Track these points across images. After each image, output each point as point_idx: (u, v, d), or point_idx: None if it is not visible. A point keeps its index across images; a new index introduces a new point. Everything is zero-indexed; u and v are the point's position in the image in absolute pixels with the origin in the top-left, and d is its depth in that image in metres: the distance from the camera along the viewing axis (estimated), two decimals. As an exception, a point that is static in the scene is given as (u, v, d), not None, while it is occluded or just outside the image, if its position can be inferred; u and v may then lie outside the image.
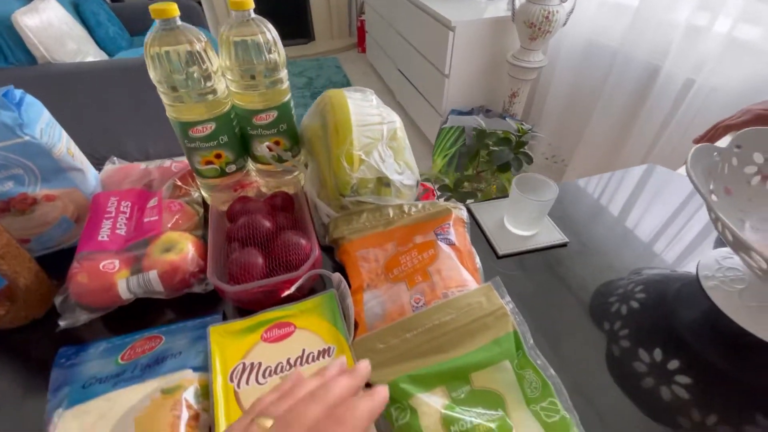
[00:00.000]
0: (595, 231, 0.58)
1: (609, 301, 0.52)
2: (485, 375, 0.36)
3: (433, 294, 0.41)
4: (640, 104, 1.44)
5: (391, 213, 0.49)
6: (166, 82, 0.44)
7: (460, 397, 0.35)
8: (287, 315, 0.42)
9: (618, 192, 0.67)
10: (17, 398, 0.40)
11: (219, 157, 0.52)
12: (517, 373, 0.36)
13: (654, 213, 0.63)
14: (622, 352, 0.46)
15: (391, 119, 0.53)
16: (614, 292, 0.53)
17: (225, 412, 0.34)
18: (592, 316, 0.49)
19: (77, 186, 0.49)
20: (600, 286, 0.52)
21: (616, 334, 0.48)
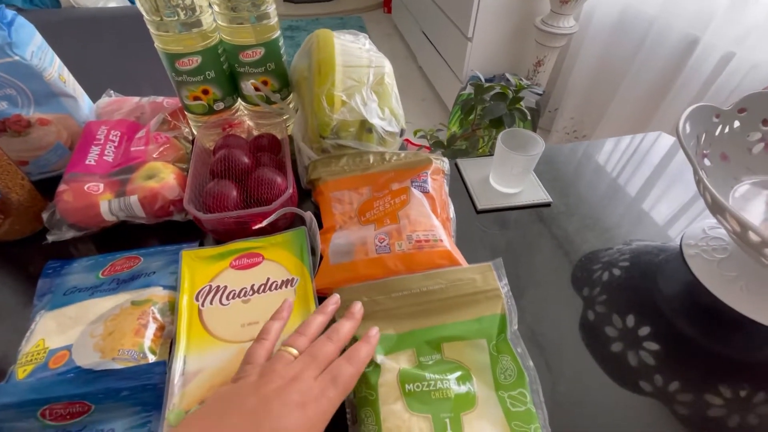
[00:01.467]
0: (585, 195, 0.57)
1: (592, 268, 0.51)
2: (457, 347, 0.35)
3: (398, 236, 0.41)
4: (671, 78, 1.35)
5: (372, 159, 0.49)
6: (151, 10, 0.44)
7: (428, 363, 0.34)
8: (257, 246, 0.43)
9: (619, 159, 0.64)
10: (8, 303, 0.43)
11: (206, 93, 0.52)
12: (492, 355, 0.35)
13: (655, 183, 0.60)
14: (596, 317, 0.45)
15: (380, 64, 0.52)
16: (600, 259, 0.52)
17: (187, 325, 0.37)
18: (572, 281, 0.48)
19: (70, 113, 0.50)
20: (586, 254, 0.51)
21: (594, 299, 0.47)
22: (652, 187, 0.59)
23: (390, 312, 0.38)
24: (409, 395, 0.32)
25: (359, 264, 0.40)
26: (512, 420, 0.31)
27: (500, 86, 0.62)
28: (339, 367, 0.29)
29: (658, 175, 0.61)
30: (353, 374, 0.30)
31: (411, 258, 0.40)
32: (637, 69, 1.44)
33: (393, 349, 0.35)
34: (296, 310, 0.38)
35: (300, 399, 0.26)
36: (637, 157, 0.65)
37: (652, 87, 1.41)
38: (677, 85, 1.32)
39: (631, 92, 1.48)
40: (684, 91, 1.30)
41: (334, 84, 0.47)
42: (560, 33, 1.57)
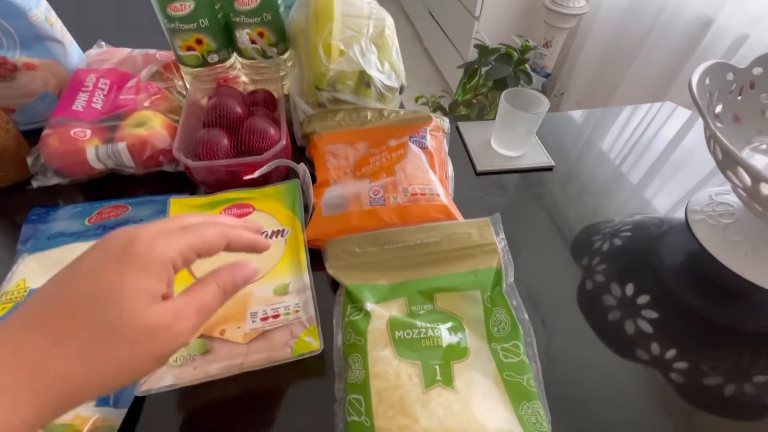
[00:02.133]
0: (588, 162, 0.55)
1: (593, 239, 0.50)
2: (450, 298, 0.34)
3: (393, 188, 0.40)
4: (682, 62, 1.31)
5: (369, 115, 0.47)
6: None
7: (419, 312, 0.34)
8: (248, 197, 0.42)
9: (625, 127, 0.62)
10: None
11: (200, 43, 0.50)
12: (486, 307, 0.34)
13: (661, 155, 0.58)
14: (594, 286, 0.44)
15: (381, 16, 0.49)
16: (601, 231, 0.50)
17: (172, 271, 0.35)
18: (572, 248, 0.47)
19: (58, 59, 0.49)
20: (588, 223, 0.49)
21: (593, 269, 0.46)
22: (658, 159, 0.58)
23: (383, 263, 0.37)
24: (398, 342, 0.31)
25: (352, 215, 0.39)
26: (504, 370, 0.30)
27: (505, 47, 0.60)
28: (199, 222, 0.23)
29: (665, 146, 0.59)
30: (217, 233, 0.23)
31: (406, 210, 0.39)
32: (647, 52, 1.40)
33: (384, 298, 0.34)
34: (286, 261, 0.37)
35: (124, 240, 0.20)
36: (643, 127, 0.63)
37: (661, 71, 1.38)
38: (687, 69, 1.29)
39: (640, 76, 1.44)
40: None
41: (331, 33, 0.45)
42: (570, 13, 1.53)
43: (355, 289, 0.34)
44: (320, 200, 0.41)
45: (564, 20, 1.57)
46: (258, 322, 0.32)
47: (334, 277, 0.37)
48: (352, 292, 0.34)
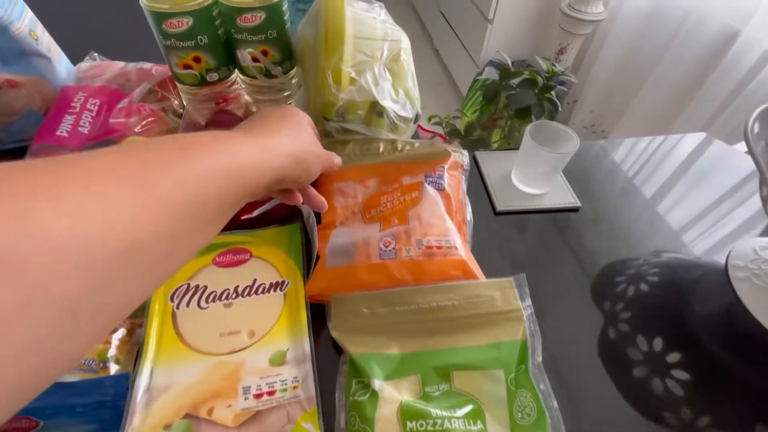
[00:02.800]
0: (617, 201, 0.51)
1: (616, 279, 0.46)
2: (470, 378, 0.30)
3: (406, 239, 0.36)
4: (704, 75, 1.26)
5: (381, 147, 0.43)
6: (133, -42, 0.38)
7: (434, 394, 0.30)
8: (245, 241, 0.38)
9: (658, 161, 0.58)
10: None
11: (198, 61, 0.46)
12: (510, 390, 0.30)
13: (696, 192, 0.54)
14: (618, 336, 0.41)
15: (397, 38, 0.45)
16: (624, 271, 0.46)
17: (158, 331, 0.32)
18: (592, 293, 0.43)
19: (44, 75, 0.45)
20: (609, 263, 0.46)
21: (617, 315, 0.42)
22: (692, 195, 0.53)
23: (393, 327, 0.33)
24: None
25: (359, 269, 0.35)
26: None
27: (529, 71, 0.55)
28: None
29: (700, 181, 0.55)
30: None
31: (419, 266, 0.35)
32: (668, 63, 1.35)
33: (395, 374, 0.30)
34: (285, 323, 0.33)
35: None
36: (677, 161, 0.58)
37: (681, 83, 1.32)
38: (709, 83, 1.24)
39: (659, 88, 1.39)
40: (716, 90, 1.22)
41: (342, 58, 0.41)
42: (587, 19, 1.47)
43: (362, 360, 0.31)
44: (325, 246, 0.37)
45: (581, 26, 1.51)
46: (251, 399, 0.28)
47: (337, 341, 0.33)
48: (358, 364, 0.31)
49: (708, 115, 1.27)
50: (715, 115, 1.25)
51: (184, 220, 0.18)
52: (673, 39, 1.32)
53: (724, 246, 0.49)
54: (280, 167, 0.25)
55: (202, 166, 0.19)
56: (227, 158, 0.21)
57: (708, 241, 0.50)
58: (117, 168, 0.16)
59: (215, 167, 0.20)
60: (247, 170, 0.22)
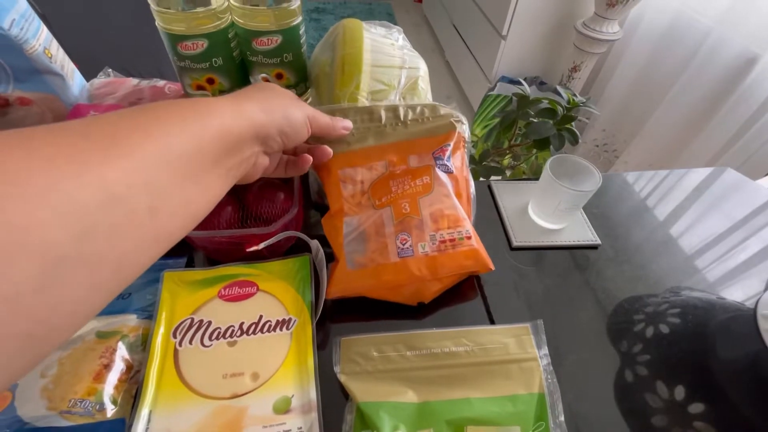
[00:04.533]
0: (635, 237, 0.49)
1: (633, 318, 0.44)
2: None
3: (420, 235, 0.36)
4: (722, 98, 1.24)
5: (384, 117, 0.40)
6: (150, -19, 0.37)
7: None
8: (252, 274, 0.37)
9: (674, 194, 0.56)
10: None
11: (212, 83, 0.45)
12: None
13: (712, 226, 0.52)
14: (635, 380, 0.39)
15: (415, 65, 0.44)
16: (642, 309, 0.45)
17: (158, 371, 0.30)
18: (608, 331, 0.41)
19: (56, 93, 0.44)
20: (626, 299, 0.44)
21: (634, 358, 0.40)
22: (716, 234, 0.51)
23: (405, 373, 0.31)
24: (420, 500, 0.25)
25: (381, 269, 0.35)
26: None
27: (549, 100, 0.54)
28: None
29: (724, 218, 0.53)
30: None
31: (435, 261, 0.35)
32: (683, 85, 1.33)
33: (409, 426, 0.29)
34: (291, 365, 0.31)
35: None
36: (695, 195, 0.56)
37: (697, 107, 1.30)
38: (726, 108, 1.21)
39: (673, 110, 1.37)
40: (733, 115, 1.20)
41: (358, 87, 0.39)
42: (602, 39, 1.46)
43: (370, 411, 0.29)
44: (342, 244, 0.36)
45: (595, 45, 1.50)
46: (252, 452, 0.27)
47: (344, 386, 0.32)
48: (366, 414, 0.29)
49: (723, 141, 1.24)
50: (732, 140, 1.23)
51: (158, 171, 0.19)
52: (691, 61, 1.30)
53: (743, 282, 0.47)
54: (254, 119, 0.26)
55: (173, 128, 0.20)
56: (200, 115, 0.22)
57: (730, 279, 0.48)
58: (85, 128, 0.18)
59: (187, 123, 0.21)
60: (220, 122, 0.23)
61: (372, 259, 0.36)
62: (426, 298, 0.36)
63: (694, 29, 1.30)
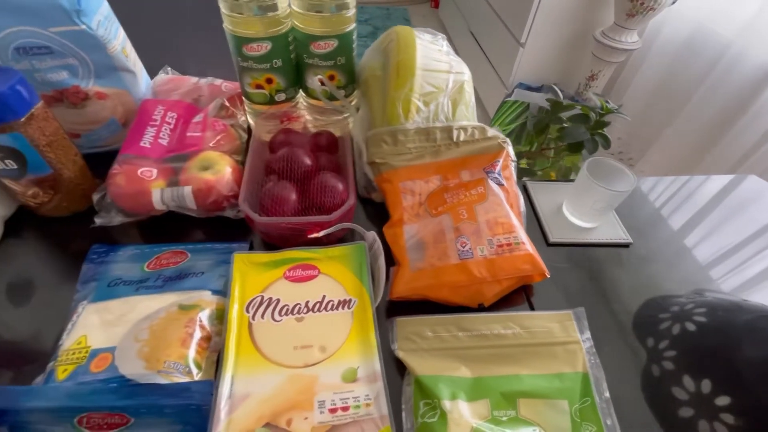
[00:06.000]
0: (659, 236, 0.51)
1: (659, 316, 0.46)
2: (535, 406, 0.31)
3: (479, 239, 0.39)
4: (741, 110, 1.25)
5: (438, 136, 0.44)
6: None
7: (502, 419, 0.31)
8: (313, 258, 0.40)
9: (696, 198, 0.58)
10: (50, 282, 0.41)
11: (270, 82, 0.49)
12: (574, 421, 0.31)
13: (735, 231, 0.54)
14: (662, 374, 0.41)
15: (460, 70, 0.47)
16: (668, 308, 0.47)
17: (236, 340, 0.34)
18: (635, 327, 0.44)
19: (128, 88, 0.48)
20: (651, 299, 0.46)
21: (660, 353, 0.43)
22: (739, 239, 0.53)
23: (459, 352, 0.34)
24: (482, 459, 0.28)
25: (443, 270, 0.38)
26: None
27: (581, 106, 0.57)
28: None
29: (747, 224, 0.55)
30: None
31: (494, 263, 0.38)
32: (702, 97, 1.34)
33: (463, 397, 0.31)
34: (354, 340, 0.34)
35: None
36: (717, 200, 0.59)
37: (714, 119, 1.31)
38: (744, 120, 1.22)
39: (691, 121, 1.38)
40: (751, 128, 1.21)
41: (412, 89, 0.43)
42: (621, 48, 1.48)
43: (429, 382, 0.32)
44: (404, 247, 0.39)
45: (613, 54, 1.52)
46: (326, 413, 0.30)
47: (402, 361, 0.35)
48: (424, 385, 0.32)
49: (742, 152, 1.25)
50: (748, 153, 1.24)
51: None
52: (709, 73, 1.31)
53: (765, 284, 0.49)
54: None
55: None
56: None
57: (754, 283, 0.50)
58: None
59: None
60: None
61: (433, 262, 0.38)
62: (486, 299, 0.39)
63: (714, 42, 1.31)
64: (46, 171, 0.40)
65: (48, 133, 0.39)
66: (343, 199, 0.41)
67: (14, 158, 0.38)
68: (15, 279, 0.41)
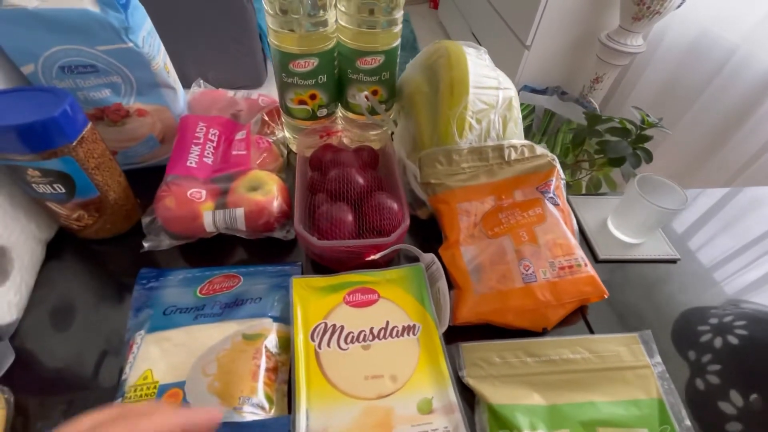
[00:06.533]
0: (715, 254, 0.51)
1: (698, 329, 0.46)
2: None
3: (540, 263, 0.39)
4: (746, 115, 1.26)
5: (490, 155, 0.44)
6: (278, 4, 0.40)
7: None
8: (371, 281, 0.39)
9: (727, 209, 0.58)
10: (96, 307, 0.40)
11: (313, 98, 0.48)
12: None
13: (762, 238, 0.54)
14: (707, 388, 0.41)
15: (507, 85, 0.47)
16: (706, 320, 0.47)
17: (306, 371, 0.33)
18: (674, 340, 0.44)
19: (168, 105, 0.46)
20: (687, 310, 0.46)
21: (704, 367, 0.43)
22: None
23: (528, 378, 0.34)
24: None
25: (508, 294, 0.38)
26: None
27: (619, 119, 0.57)
28: None
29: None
30: None
31: (557, 286, 0.38)
32: (706, 102, 1.35)
33: (546, 426, 0.31)
34: (424, 369, 0.34)
35: None
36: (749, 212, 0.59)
37: (718, 124, 1.31)
38: (748, 126, 1.23)
39: (695, 126, 1.39)
40: (755, 134, 1.22)
41: (467, 107, 0.42)
42: (626, 51, 1.49)
43: (505, 411, 0.31)
44: (465, 270, 0.39)
45: (618, 57, 1.53)
46: (408, 448, 0.29)
47: (472, 389, 0.34)
48: (500, 415, 0.31)
49: (745, 158, 1.26)
50: (753, 158, 1.25)
51: None
52: (714, 78, 1.32)
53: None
54: None
55: None
56: None
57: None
58: None
59: None
60: None
61: (495, 286, 0.38)
62: (551, 323, 0.38)
63: (720, 46, 1.32)
64: (94, 194, 0.39)
65: (97, 155, 0.38)
66: (399, 220, 0.40)
67: (63, 182, 0.36)
68: (59, 304, 0.40)
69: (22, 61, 0.37)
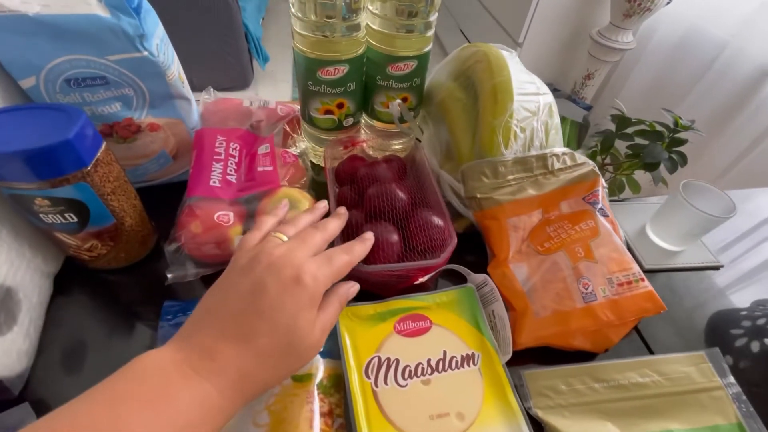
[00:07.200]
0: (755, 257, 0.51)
1: (732, 332, 0.45)
2: None
3: (599, 280, 0.36)
4: (733, 115, 1.28)
5: (534, 165, 0.41)
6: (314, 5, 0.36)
7: None
8: (421, 307, 0.36)
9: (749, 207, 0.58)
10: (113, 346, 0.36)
11: (341, 107, 0.45)
12: None
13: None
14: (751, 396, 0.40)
15: (545, 90, 0.45)
16: (738, 322, 0.46)
17: (365, 414, 0.30)
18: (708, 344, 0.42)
19: (182, 117, 0.42)
20: (716, 312, 0.45)
21: (742, 373, 0.42)
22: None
23: (598, 406, 0.32)
24: None
25: (570, 315, 0.35)
26: None
27: (649, 123, 0.56)
28: (333, 251, 0.29)
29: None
30: (347, 262, 0.29)
31: (617, 305, 0.36)
32: (696, 98, 1.36)
33: None
34: (491, 403, 0.31)
35: (293, 273, 0.25)
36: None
37: (709, 120, 1.33)
38: (739, 122, 1.25)
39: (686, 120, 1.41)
40: (746, 130, 1.24)
41: (512, 115, 0.40)
42: (616, 47, 1.51)
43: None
44: (520, 289, 0.37)
45: (608, 54, 1.55)
46: (489, 495, 0.27)
47: (541, 421, 0.32)
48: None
49: (733, 156, 1.28)
50: (741, 156, 1.27)
51: None
52: (706, 72, 1.34)
53: None
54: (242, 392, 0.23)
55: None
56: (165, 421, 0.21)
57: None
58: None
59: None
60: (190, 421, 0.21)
61: (552, 307, 0.36)
62: (612, 343, 0.37)
63: (709, 41, 1.34)
64: (110, 222, 0.35)
65: (112, 179, 0.33)
66: (447, 238, 0.38)
67: (75, 211, 0.32)
68: (71, 343, 0.35)
69: (21, 74, 0.33)
